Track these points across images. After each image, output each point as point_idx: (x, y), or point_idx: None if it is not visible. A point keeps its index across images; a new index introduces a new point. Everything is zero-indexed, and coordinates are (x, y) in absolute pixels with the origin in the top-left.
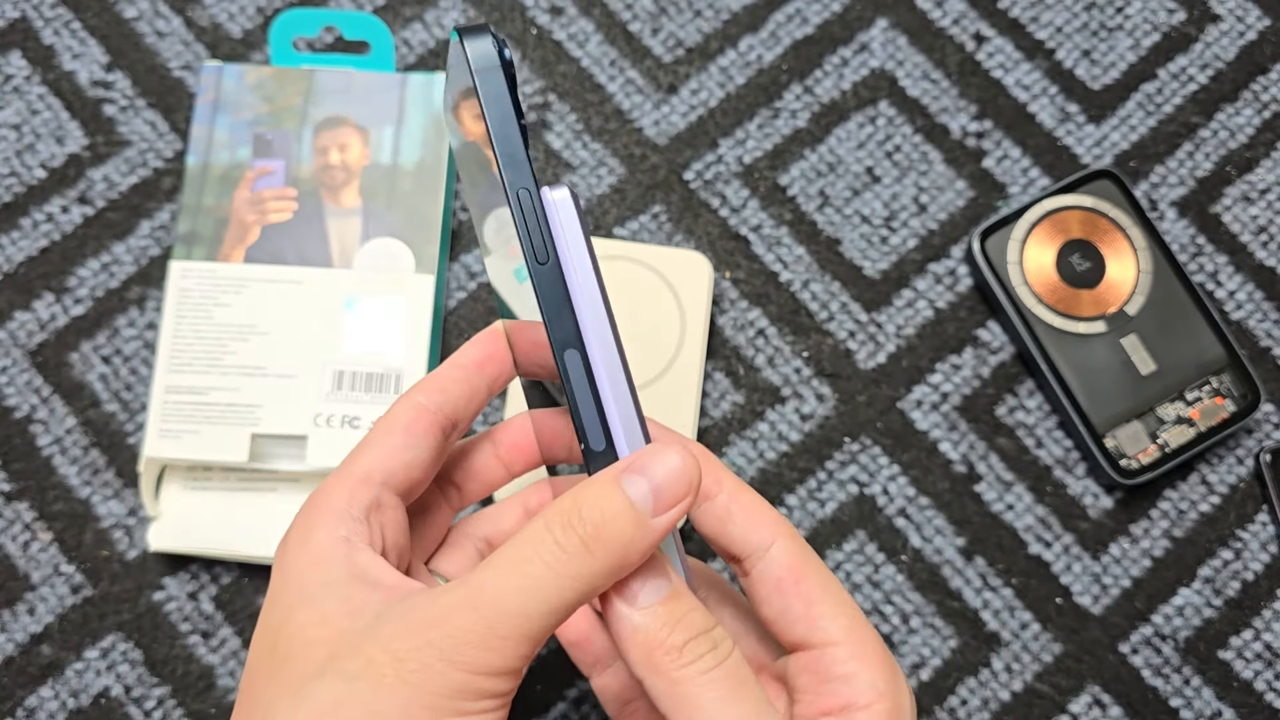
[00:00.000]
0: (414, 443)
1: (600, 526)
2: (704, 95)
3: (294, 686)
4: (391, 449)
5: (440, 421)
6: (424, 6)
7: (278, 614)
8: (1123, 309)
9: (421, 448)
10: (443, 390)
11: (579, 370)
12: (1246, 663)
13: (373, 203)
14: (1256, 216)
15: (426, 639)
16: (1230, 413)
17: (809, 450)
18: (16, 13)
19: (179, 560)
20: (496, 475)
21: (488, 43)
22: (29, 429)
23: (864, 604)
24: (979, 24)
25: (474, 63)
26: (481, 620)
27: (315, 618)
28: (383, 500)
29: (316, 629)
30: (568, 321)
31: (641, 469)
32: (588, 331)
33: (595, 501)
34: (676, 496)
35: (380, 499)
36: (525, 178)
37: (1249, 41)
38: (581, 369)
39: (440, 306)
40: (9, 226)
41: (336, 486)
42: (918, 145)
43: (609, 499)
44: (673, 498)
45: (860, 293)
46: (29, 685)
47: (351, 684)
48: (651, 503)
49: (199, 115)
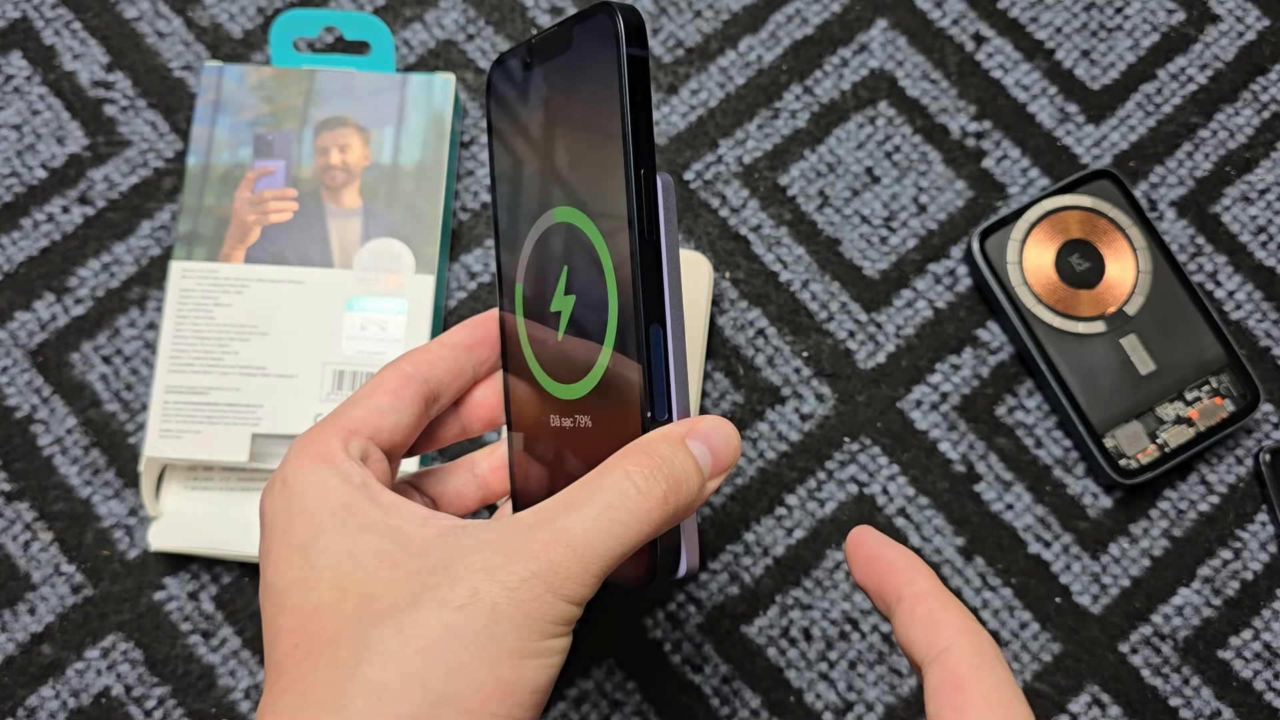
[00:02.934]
0: (400, 406)
1: (678, 481)
2: (704, 95)
3: (389, 617)
4: (378, 408)
5: (424, 392)
6: (424, 6)
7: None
8: (1122, 309)
9: (405, 413)
10: (430, 363)
11: (659, 345)
12: (1246, 662)
13: (373, 203)
14: (1256, 216)
15: (531, 570)
16: (1229, 413)
17: (809, 450)
18: (17, 13)
19: (179, 560)
20: (452, 432)
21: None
22: (30, 429)
23: (864, 604)
24: (979, 24)
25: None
26: (579, 559)
27: (383, 559)
28: (370, 453)
29: (389, 570)
30: (657, 298)
31: (704, 435)
32: (669, 311)
33: (671, 457)
34: (727, 463)
35: (368, 451)
36: (648, 160)
37: (1248, 42)
38: (662, 345)
39: (440, 306)
40: (10, 226)
41: (327, 435)
42: (917, 145)
43: (682, 456)
44: (725, 463)
45: (860, 293)
46: (30, 685)
47: (463, 610)
48: (710, 464)
49: (200, 116)
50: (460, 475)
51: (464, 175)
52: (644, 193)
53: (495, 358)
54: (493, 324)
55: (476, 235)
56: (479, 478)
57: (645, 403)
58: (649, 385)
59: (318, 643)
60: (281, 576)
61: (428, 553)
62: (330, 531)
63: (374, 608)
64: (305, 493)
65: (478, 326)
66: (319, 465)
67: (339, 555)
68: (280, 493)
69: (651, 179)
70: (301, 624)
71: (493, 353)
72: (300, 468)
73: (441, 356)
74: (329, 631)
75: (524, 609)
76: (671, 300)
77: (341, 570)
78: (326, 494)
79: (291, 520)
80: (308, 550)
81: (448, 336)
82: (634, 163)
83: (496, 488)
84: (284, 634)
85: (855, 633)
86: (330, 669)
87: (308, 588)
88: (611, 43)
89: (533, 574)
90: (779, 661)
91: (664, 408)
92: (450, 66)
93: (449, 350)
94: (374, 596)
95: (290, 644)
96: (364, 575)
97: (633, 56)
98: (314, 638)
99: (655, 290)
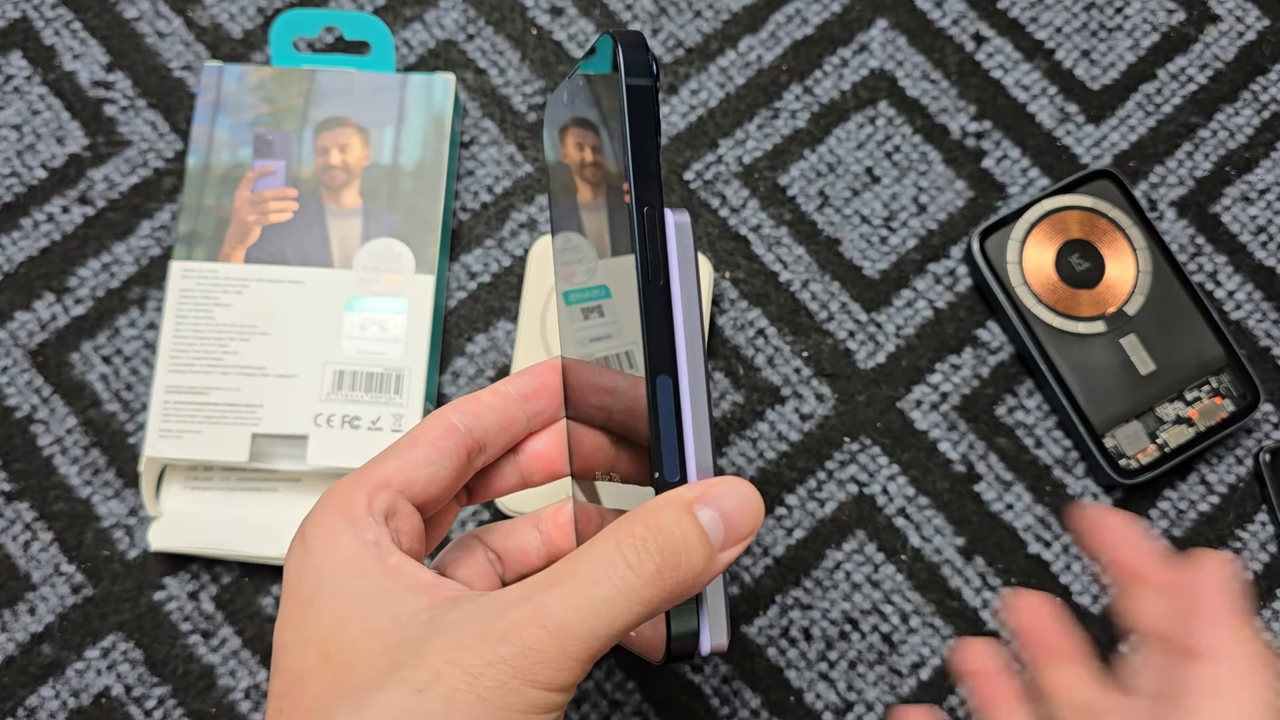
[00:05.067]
0: (436, 459)
1: (677, 555)
2: (704, 95)
3: (356, 694)
4: (413, 461)
5: (468, 443)
6: (424, 6)
7: (325, 623)
8: (1122, 309)
9: (443, 465)
10: (477, 413)
11: (668, 399)
12: None
13: (373, 203)
14: (1256, 216)
15: (499, 655)
16: (1229, 412)
17: (809, 450)
18: (17, 13)
19: (179, 560)
20: (510, 482)
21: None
22: (30, 429)
23: (864, 604)
24: (979, 24)
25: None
26: (553, 641)
27: (368, 628)
28: (399, 508)
29: (372, 640)
30: (666, 347)
31: (714, 500)
32: (682, 361)
33: (671, 528)
34: (745, 532)
35: (396, 506)
36: (654, 195)
37: (1248, 42)
38: (671, 398)
39: (440, 306)
40: (10, 226)
41: (354, 488)
42: (917, 145)
43: (685, 526)
44: (741, 532)
45: (860, 293)
46: (30, 685)
47: (420, 696)
48: (723, 534)
49: (200, 116)
50: (525, 531)
51: (464, 175)
52: (647, 233)
53: (553, 408)
54: (554, 373)
55: (476, 235)
56: (544, 534)
57: (655, 461)
58: (657, 442)
59: (298, 710)
60: (281, 636)
61: (412, 625)
62: (327, 593)
63: (347, 680)
64: (316, 548)
65: (537, 376)
66: (337, 519)
67: (330, 620)
68: (297, 545)
69: (657, 217)
70: (288, 689)
71: (551, 403)
72: (318, 520)
73: (491, 406)
74: (308, 700)
75: (486, 697)
76: (689, 350)
77: (329, 635)
78: (335, 552)
79: (300, 576)
80: (305, 611)
81: (502, 385)
82: (636, 199)
83: (562, 545)
84: (275, 697)
85: (855, 633)
86: None
87: (298, 651)
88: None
89: (500, 659)
90: (779, 661)
91: (674, 468)
92: (450, 66)
93: (500, 400)
94: (350, 667)
95: (277, 709)
96: (348, 643)
97: (632, 86)
98: (296, 704)
99: (664, 339)
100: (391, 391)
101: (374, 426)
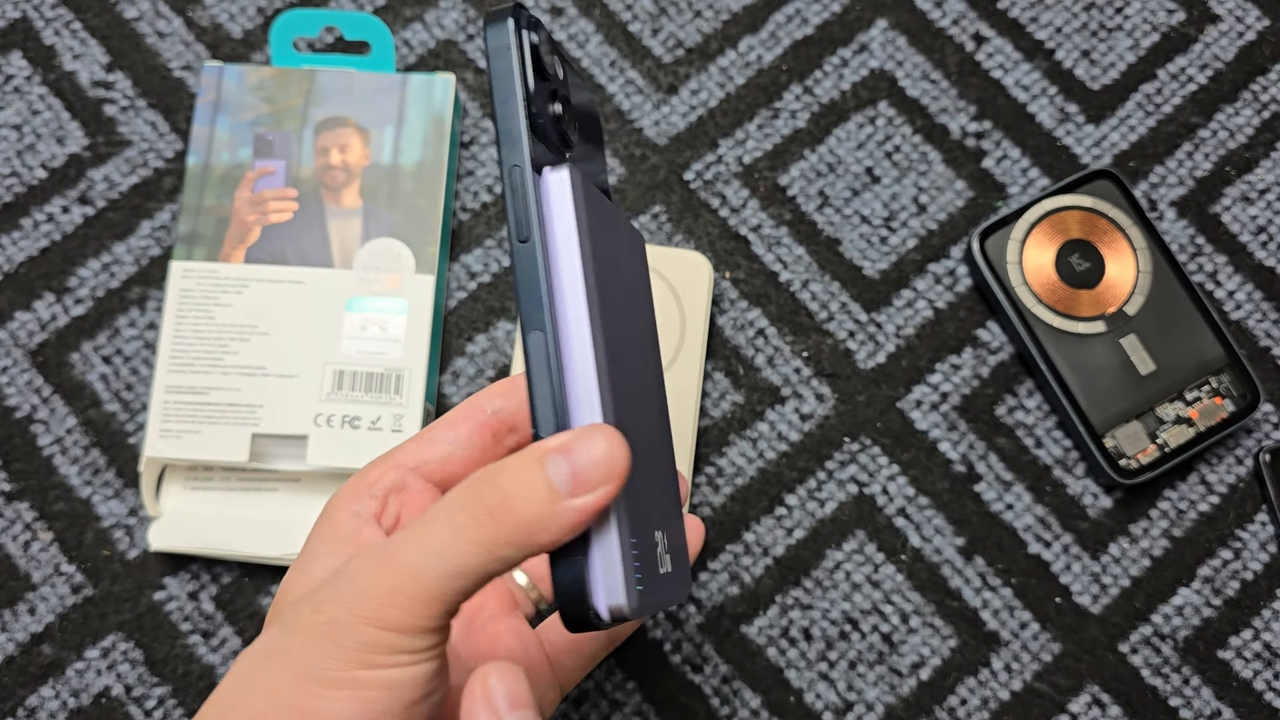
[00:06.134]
0: (453, 438)
1: (510, 498)
2: (704, 96)
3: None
4: (430, 439)
5: (492, 424)
6: (424, 6)
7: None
8: (1122, 309)
9: (460, 444)
10: (503, 394)
11: (540, 355)
12: (1246, 662)
13: (373, 203)
14: (1256, 216)
15: (341, 593)
16: (1229, 412)
17: (809, 450)
18: (17, 13)
19: (179, 560)
20: None
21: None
22: (29, 429)
23: (863, 604)
24: (978, 24)
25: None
26: (389, 578)
27: (304, 578)
28: (408, 483)
29: (298, 589)
30: (536, 303)
31: (566, 450)
32: (564, 316)
33: (511, 473)
34: (595, 481)
35: (405, 481)
36: (518, 155)
37: (1248, 42)
38: (543, 353)
39: (440, 306)
40: (10, 226)
41: (369, 467)
42: (917, 145)
43: (525, 473)
44: (591, 482)
45: (860, 293)
46: (29, 685)
47: (282, 634)
48: (570, 484)
49: (200, 116)
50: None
51: (464, 175)
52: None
53: None
54: None
55: (476, 235)
56: None
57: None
58: (531, 399)
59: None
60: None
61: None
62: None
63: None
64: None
65: None
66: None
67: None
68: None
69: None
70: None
71: None
72: (334, 496)
73: (521, 387)
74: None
75: (316, 632)
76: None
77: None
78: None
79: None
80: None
81: None
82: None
83: None
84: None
85: (855, 633)
86: None
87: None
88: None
89: (340, 596)
90: (779, 661)
91: (548, 424)
92: (450, 66)
93: None
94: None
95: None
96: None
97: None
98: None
99: (533, 294)
100: (391, 391)
101: (374, 427)
